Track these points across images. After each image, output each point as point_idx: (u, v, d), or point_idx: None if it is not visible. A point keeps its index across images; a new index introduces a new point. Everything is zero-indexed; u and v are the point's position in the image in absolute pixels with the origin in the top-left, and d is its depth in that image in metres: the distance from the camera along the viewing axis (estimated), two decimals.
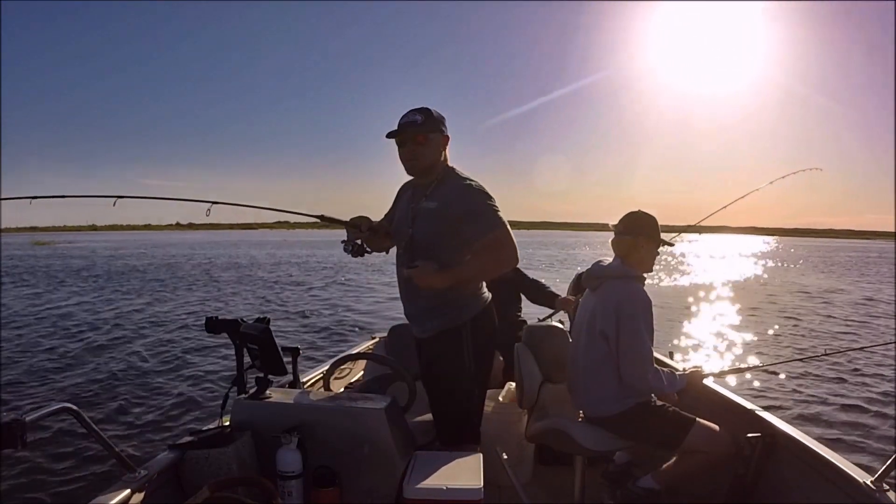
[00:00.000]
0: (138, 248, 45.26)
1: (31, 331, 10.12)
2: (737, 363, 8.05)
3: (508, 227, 2.08)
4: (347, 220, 2.29)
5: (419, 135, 2.13)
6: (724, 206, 3.51)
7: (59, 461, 4.41)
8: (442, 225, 2.11)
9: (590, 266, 2.53)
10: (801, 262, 37.14)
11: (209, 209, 2.32)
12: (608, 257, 2.52)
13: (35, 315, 11.88)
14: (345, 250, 2.26)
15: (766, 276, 25.92)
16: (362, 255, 2.28)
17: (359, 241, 2.27)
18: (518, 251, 2.08)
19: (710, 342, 9.89)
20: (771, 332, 10.87)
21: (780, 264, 34.72)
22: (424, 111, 2.15)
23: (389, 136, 2.16)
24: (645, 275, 2.43)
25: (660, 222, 2.45)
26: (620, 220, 2.43)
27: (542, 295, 3.67)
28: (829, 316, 13.21)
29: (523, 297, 3.77)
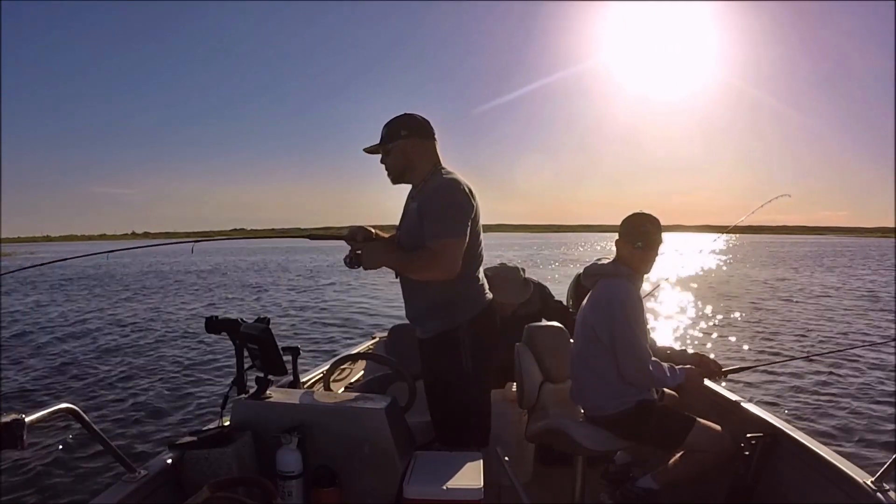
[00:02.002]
0: (111, 257, 45.00)
1: (31, 332, 10.12)
2: (732, 362, 8.06)
3: (459, 239, 2.06)
4: (343, 232, 2.30)
5: (382, 151, 2.23)
6: (729, 229, 3.63)
7: (59, 461, 4.41)
8: (421, 224, 2.12)
9: (588, 265, 2.54)
10: (760, 258, 37.58)
11: (192, 248, 2.59)
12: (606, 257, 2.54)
13: (33, 317, 11.89)
14: (346, 264, 2.21)
15: (735, 272, 26.05)
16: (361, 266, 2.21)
17: (359, 251, 2.22)
18: (456, 267, 2.05)
19: (701, 339, 9.91)
20: (760, 329, 10.89)
21: (744, 260, 34.98)
22: (388, 123, 2.21)
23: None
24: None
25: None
26: (622, 223, 2.43)
27: None
28: (818, 311, 13.25)
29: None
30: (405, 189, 2.33)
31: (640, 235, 2.37)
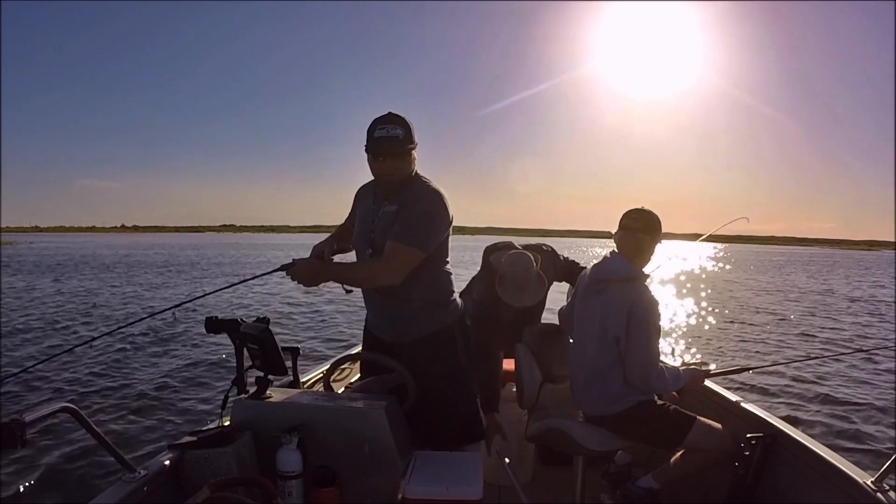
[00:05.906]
0: (113, 249, 45.40)
1: (31, 330, 10.11)
2: (734, 363, 8.06)
3: (418, 250, 2.00)
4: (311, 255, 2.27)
5: (400, 150, 2.05)
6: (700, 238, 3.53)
7: (58, 461, 4.40)
8: None
9: (589, 268, 2.53)
10: (751, 267, 37.61)
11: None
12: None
13: (33, 315, 11.88)
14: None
15: (730, 279, 26.20)
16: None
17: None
18: (401, 276, 2.00)
19: (703, 341, 9.92)
20: (761, 332, 10.91)
21: (736, 268, 35.10)
22: (404, 124, 2.05)
23: (369, 150, 2.06)
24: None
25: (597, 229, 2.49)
26: (637, 217, 2.40)
27: None
28: (816, 317, 13.28)
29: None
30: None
31: (657, 233, 2.41)
